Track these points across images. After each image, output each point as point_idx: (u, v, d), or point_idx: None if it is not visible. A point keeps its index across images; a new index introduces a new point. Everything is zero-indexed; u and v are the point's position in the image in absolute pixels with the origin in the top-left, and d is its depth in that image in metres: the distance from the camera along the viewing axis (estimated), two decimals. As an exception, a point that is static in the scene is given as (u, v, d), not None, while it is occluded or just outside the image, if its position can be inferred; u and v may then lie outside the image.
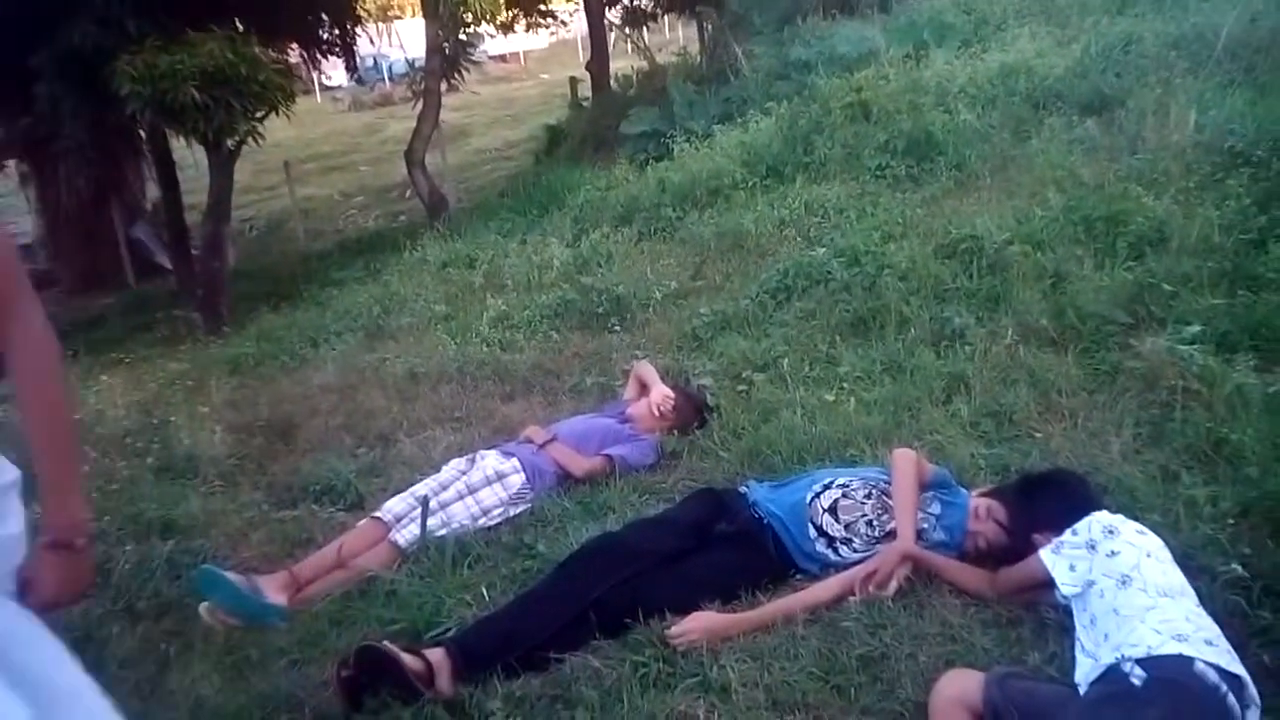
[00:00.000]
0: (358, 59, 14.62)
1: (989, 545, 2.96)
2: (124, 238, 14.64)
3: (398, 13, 24.99)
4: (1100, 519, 2.58)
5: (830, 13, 12.67)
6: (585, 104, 17.06)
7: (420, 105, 13.33)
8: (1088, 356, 4.08)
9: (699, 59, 15.25)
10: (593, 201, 8.58)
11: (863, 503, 3.08)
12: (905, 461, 3.05)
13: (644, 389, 4.36)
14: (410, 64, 16.01)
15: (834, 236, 6.07)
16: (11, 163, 14.23)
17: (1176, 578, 2.43)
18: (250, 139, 10.67)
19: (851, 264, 5.39)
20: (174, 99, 9.63)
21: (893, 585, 2.83)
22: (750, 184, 7.70)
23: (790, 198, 7.10)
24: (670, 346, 5.15)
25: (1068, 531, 2.60)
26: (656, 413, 4.19)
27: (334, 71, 17.14)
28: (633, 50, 18.00)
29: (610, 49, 18.13)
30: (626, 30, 18.62)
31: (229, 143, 10.76)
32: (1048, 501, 2.81)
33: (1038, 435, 3.60)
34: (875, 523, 3.05)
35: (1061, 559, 2.55)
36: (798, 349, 4.70)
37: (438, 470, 3.92)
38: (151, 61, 9.54)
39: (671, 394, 4.23)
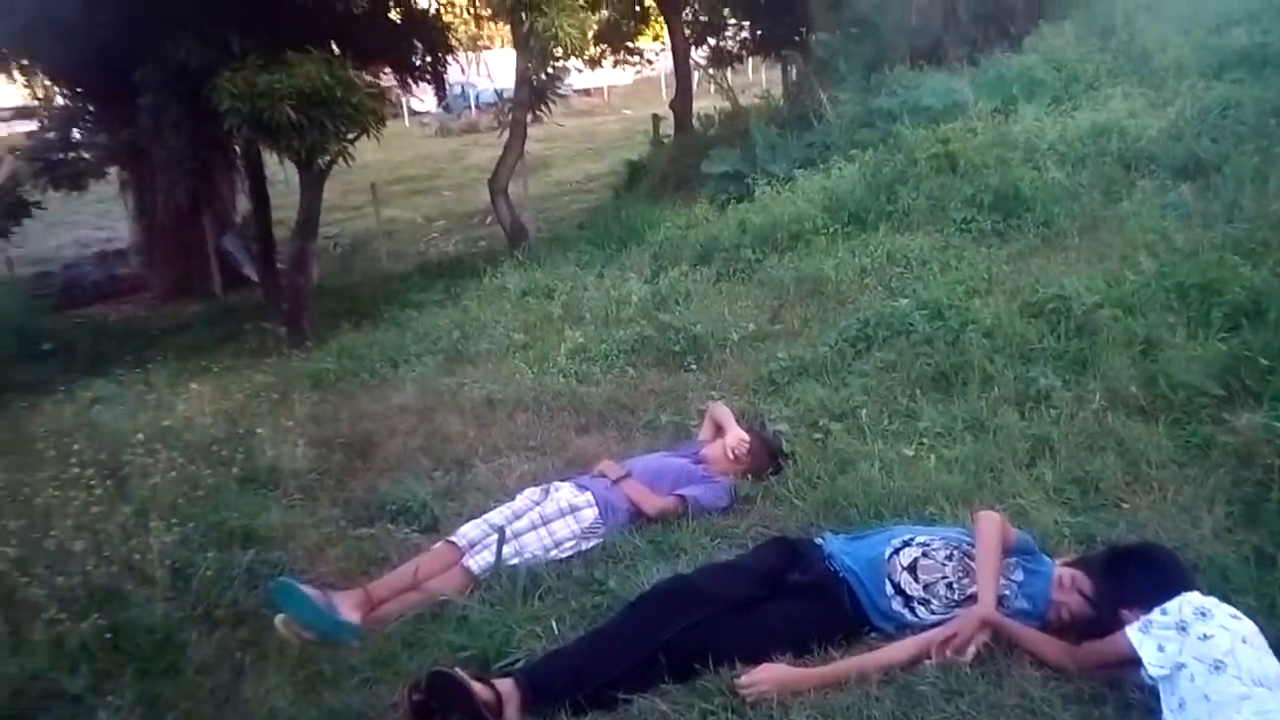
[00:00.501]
0: (447, 87, 14.96)
1: (1072, 617, 2.89)
2: (214, 248, 15.11)
3: (487, 43, 25.57)
4: (1192, 599, 2.51)
5: (917, 63, 12.64)
6: (666, 141, 17.24)
7: (506, 135, 13.59)
8: (1178, 428, 3.98)
9: (782, 102, 15.34)
10: (672, 239, 8.64)
11: (943, 564, 3.04)
12: (989, 525, 3.01)
13: (719, 431, 4.36)
14: (498, 94, 16.32)
15: (916, 288, 6.02)
16: (113, 170, 14.76)
17: (1273, 666, 2.36)
18: (340, 159, 10.99)
19: (934, 317, 5.33)
20: (270, 117, 9.97)
21: (971, 651, 2.77)
22: (831, 230, 7.68)
23: (872, 246, 7.07)
24: (746, 389, 5.15)
25: (1157, 610, 2.53)
26: (731, 456, 4.18)
27: (423, 97, 17.54)
28: (715, 90, 18.14)
29: (694, 88, 18.34)
30: (710, 70, 18.84)
31: (320, 162, 11.09)
32: (1136, 576, 2.74)
33: (1125, 506, 3.51)
34: (955, 585, 3.00)
35: (1150, 638, 2.48)
36: (877, 400, 4.66)
37: (512, 498, 3.96)
38: (251, 79, 9.88)
39: (747, 438, 4.22)
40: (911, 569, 3.04)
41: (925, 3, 16.29)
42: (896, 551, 3.09)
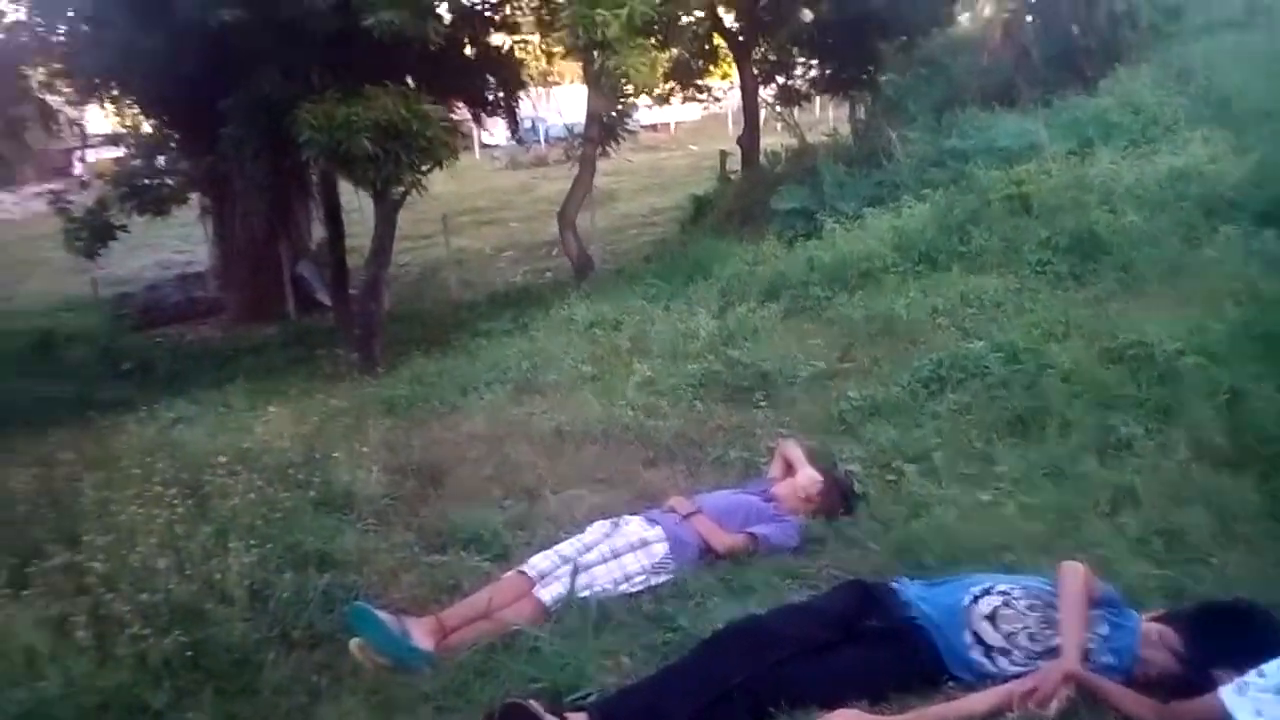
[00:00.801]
0: (519, 121, 15.21)
1: (1160, 674, 2.81)
2: (289, 273, 15.49)
3: (557, 79, 25.97)
4: (1292, 662, 2.42)
5: (989, 104, 12.56)
6: (733, 177, 17.29)
7: (575, 169, 13.76)
8: (1267, 481, 3.87)
9: (850, 140, 15.32)
10: (740, 275, 8.65)
11: (1025, 613, 2.98)
12: (1074, 576, 2.94)
13: (790, 469, 4.33)
14: (568, 129, 16.54)
15: (991, 330, 5.95)
16: (195, 196, 15.23)
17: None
18: (414, 190, 11.23)
19: (1010, 360, 5.26)
20: (348, 148, 10.25)
21: (1054, 706, 2.70)
22: (902, 269, 7.64)
23: (945, 286, 7.00)
24: (816, 427, 5.11)
25: (1253, 672, 2.45)
26: (802, 495, 4.15)
27: (494, 131, 17.85)
28: (783, 127, 18.20)
29: (761, 125, 18.40)
30: (778, 108, 18.89)
31: (394, 193, 11.35)
32: (1230, 635, 2.66)
33: (1213, 561, 3.42)
34: (1037, 636, 2.93)
35: (1246, 701, 2.40)
36: (951, 443, 4.60)
37: (581, 530, 3.97)
38: (330, 112, 10.17)
39: (819, 477, 4.19)
40: (992, 618, 2.98)
41: (997, 44, 16.21)
42: (976, 599, 3.04)
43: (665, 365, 6.51)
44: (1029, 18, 16.45)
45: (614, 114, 14.02)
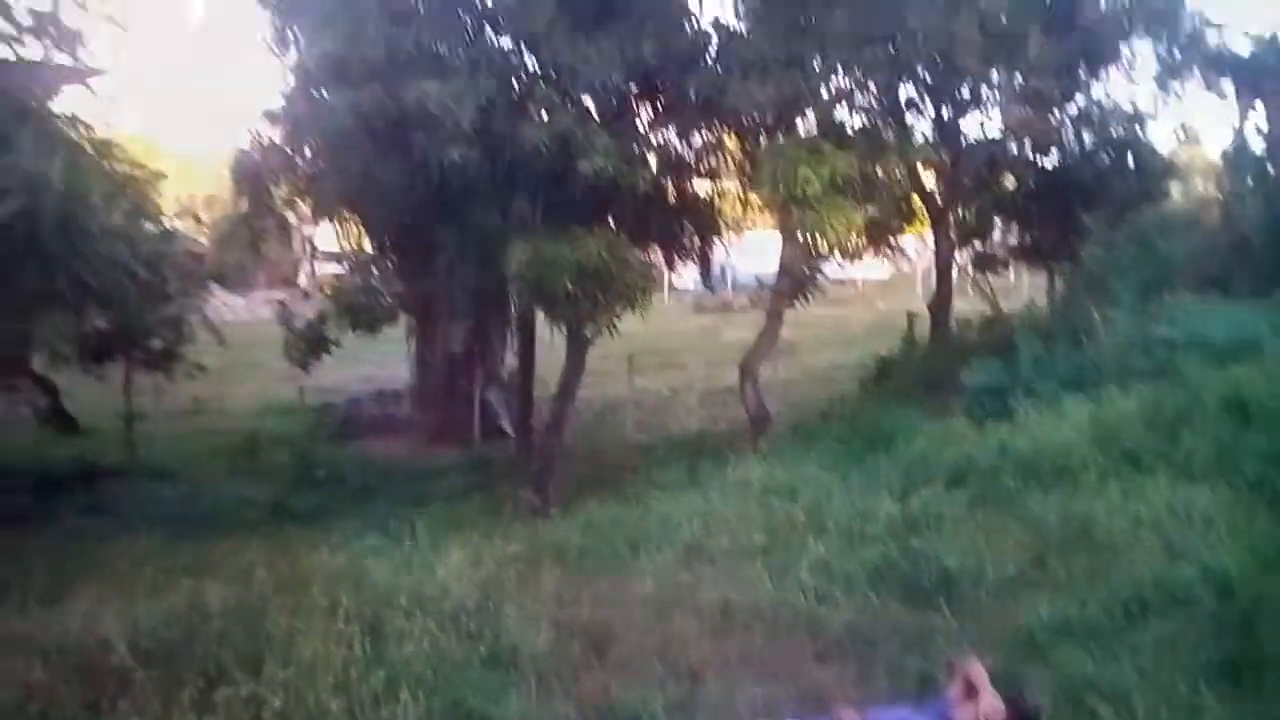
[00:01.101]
0: (710, 266, 15.57)
1: None
2: (478, 399, 16.15)
3: (750, 225, 26.56)
4: None
5: (1202, 289, 11.97)
6: (920, 340, 17.00)
7: (760, 316, 13.89)
8: None
9: (1048, 313, 14.87)
10: (924, 453, 8.38)
11: None
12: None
13: (971, 691, 4.07)
14: (758, 280, 16.79)
15: (1201, 550, 5.50)
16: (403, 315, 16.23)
17: None
18: (606, 330, 11.63)
19: (1223, 592, 4.84)
20: (551, 286, 10.77)
21: None
22: (1102, 466, 7.22)
23: (1149, 492, 6.55)
24: (1002, 644, 4.81)
25: None
26: (984, 724, 3.88)
27: (684, 272, 18.31)
28: (974, 291, 17.86)
29: (953, 287, 18.11)
30: (971, 272, 18.57)
31: (588, 331, 11.78)
32: None
33: None
34: None
35: None
36: (1153, 684, 4.22)
37: (743, 728, 3.85)
38: (539, 250, 10.75)
39: (1003, 708, 3.91)
40: None
41: (1213, 225, 15.54)
42: None
43: (841, 546, 6.33)
44: (1248, 199, 15.76)
45: (806, 268, 14.19)
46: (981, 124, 15.62)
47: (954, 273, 18.49)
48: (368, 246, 15.25)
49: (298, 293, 17.00)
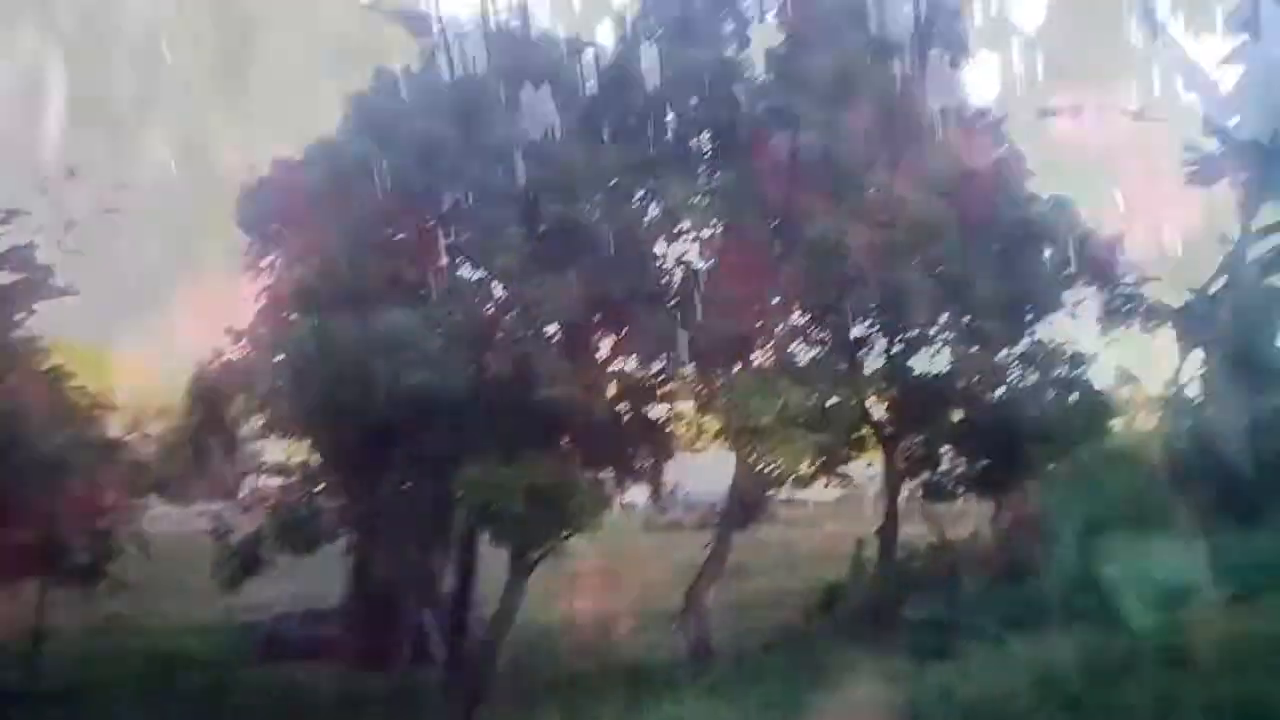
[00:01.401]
0: (661, 486, 15.53)
1: None
2: (410, 623, 15.50)
3: (701, 447, 26.70)
4: None
5: (1143, 526, 12.07)
6: (868, 564, 16.87)
7: (710, 539, 13.73)
8: None
9: (991, 542, 14.89)
10: (869, 695, 8.11)
11: None
12: None
13: None
14: (712, 506, 16.77)
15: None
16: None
17: None
18: (551, 552, 11.40)
19: None
20: (499, 508, 10.63)
21: None
22: (1045, 716, 7.01)
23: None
24: None
25: None
26: None
27: (632, 491, 18.18)
28: (921, 517, 17.90)
29: (899, 512, 18.15)
30: (920, 497, 18.68)
31: (533, 554, 11.54)
32: None
33: None
34: None
35: None
36: None
37: None
38: (489, 472, 10.67)
39: None
40: None
41: (1155, 462, 15.85)
42: None
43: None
44: (1188, 438, 16.12)
45: (757, 493, 14.21)
46: (931, 358, 16.17)
47: (902, 499, 18.62)
48: (315, 461, 15.07)
49: (237, 506, 16.52)
